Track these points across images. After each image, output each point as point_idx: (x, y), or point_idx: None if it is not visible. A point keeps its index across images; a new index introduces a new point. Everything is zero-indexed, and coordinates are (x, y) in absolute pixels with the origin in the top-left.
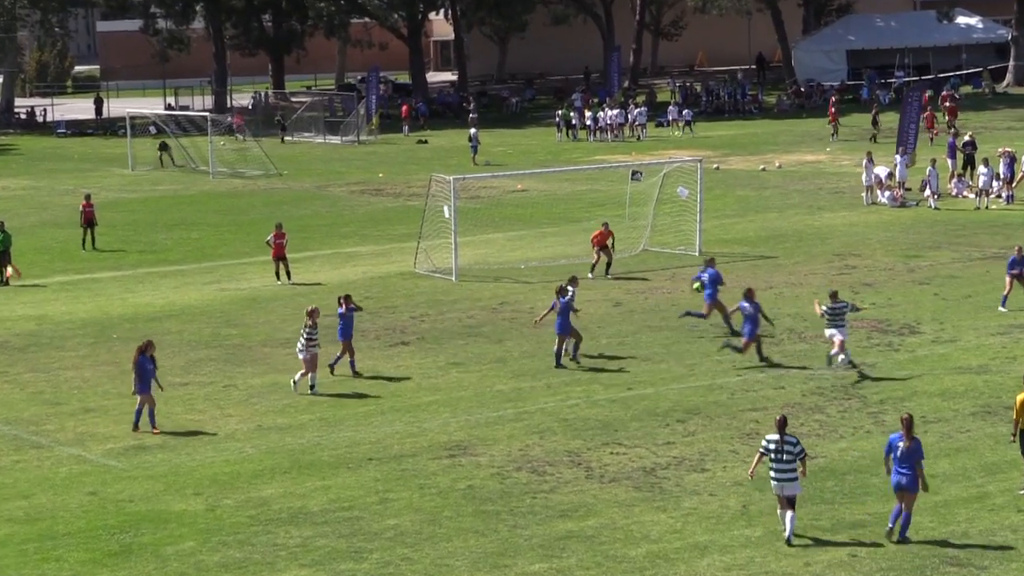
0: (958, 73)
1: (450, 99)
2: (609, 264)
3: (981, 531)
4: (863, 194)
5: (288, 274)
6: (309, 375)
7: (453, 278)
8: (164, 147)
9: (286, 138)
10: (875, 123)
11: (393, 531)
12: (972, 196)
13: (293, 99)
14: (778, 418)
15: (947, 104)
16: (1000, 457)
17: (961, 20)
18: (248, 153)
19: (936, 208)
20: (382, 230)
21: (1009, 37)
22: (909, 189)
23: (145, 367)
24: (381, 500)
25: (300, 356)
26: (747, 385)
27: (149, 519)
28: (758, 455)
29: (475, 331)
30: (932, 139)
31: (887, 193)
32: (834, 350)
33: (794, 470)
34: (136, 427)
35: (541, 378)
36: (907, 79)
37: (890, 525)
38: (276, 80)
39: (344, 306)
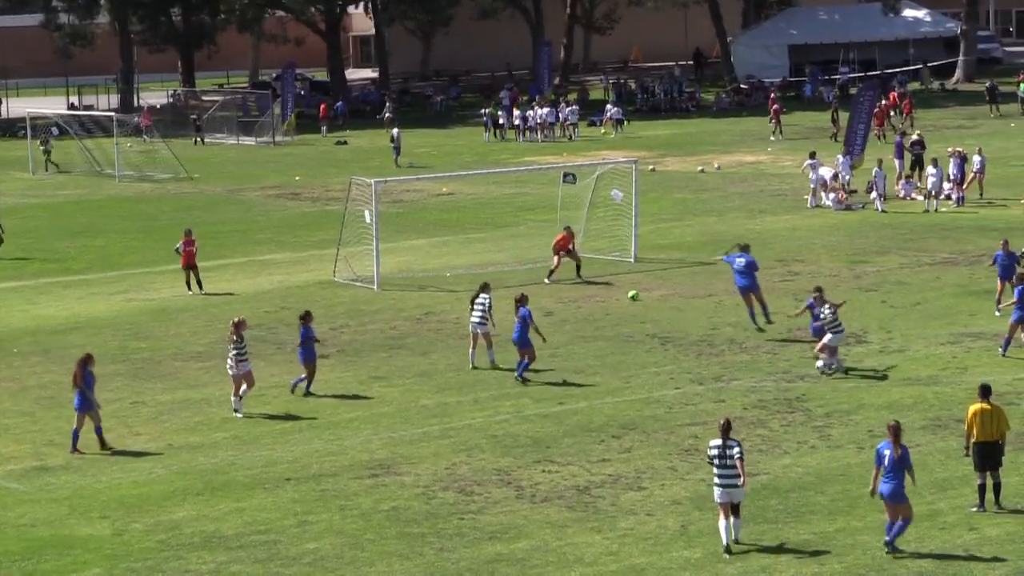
0: (905, 69)
1: (372, 97)
2: (579, 266)
3: (932, 551)
4: (807, 196)
5: (199, 283)
6: (242, 390)
7: (375, 287)
8: (46, 150)
9: (203, 139)
10: (834, 121)
11: (312, 555)
12: (921, 198)
13: (204, 98)
14: (721, 421)
15: (904, 102)
16: (951, 473)
17: (908, 13)
18: (157, 155)
19: (883, 211)
20: (299, 236)
21: (958, 31)
22: (855, 191)
23: (90, 382)
24: (300, 523)
25: (230, 373)
26: (685, 398)
27: (53, 544)
28: (708, 463)
29: (398, 343)
30: (882, 136)
31: (832, 195)
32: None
33: (738, 475)
34: (75, 449)
35: (468, 392)
36: (852, 75)
37: (887, 538)
38: (186, 78)
39: (303, 324)
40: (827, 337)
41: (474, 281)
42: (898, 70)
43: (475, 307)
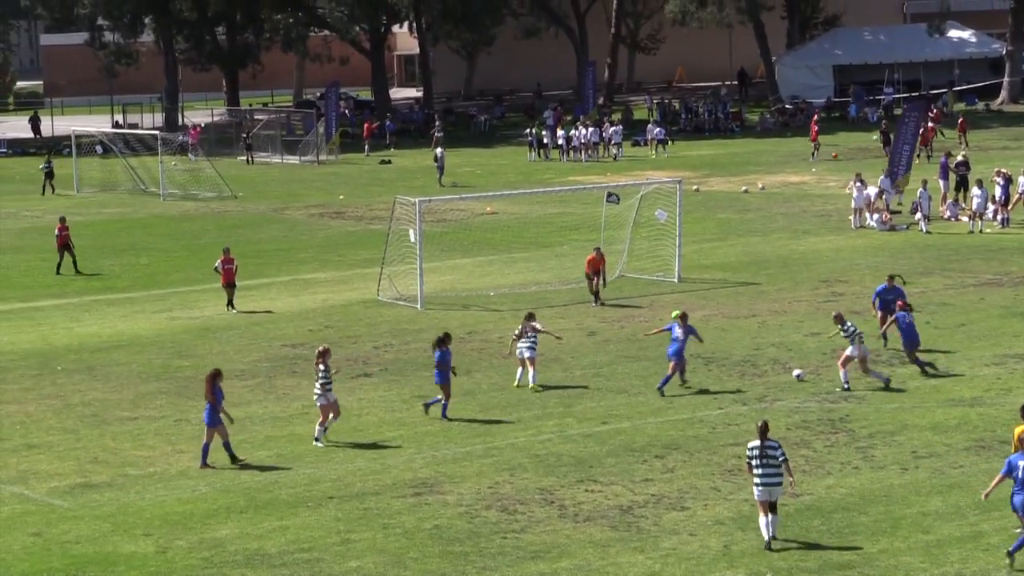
0: (954, 89)
1: (417, 117)
2: (598, 293)
3: (975, 572)
4: (851, 217)
5: (230, 303)
6: (329, 419)
7: (418, 306)
8: (49, 173)
9: (253, 159)
10: (887, 142)
11: (355, 574)
12: (965, 219)
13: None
14: (759, 423)
15: (960, 121)
16: (996, 494)
17: (953, 34)
18: (201, 174)
19: (927, 232)
20: (343, 255)
21: (1004, 52)
22: (899, 212)
23: (219, 396)
24: (343, 541)
25: (318, 404)
26: (729, 419)
27: (96, 562)
28: (747, 466)
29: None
30: (929, 156)
31: (876, 216)
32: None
33: (780, 474)
34: (205, 464)
35: (511, 412)
36: (896, 96)
37: (1010, 548)
38: (231, 97)
39: (440, 348)
40: (850, 350)
41: (518, 301)
42: (943, 91)
43: (527, 335)
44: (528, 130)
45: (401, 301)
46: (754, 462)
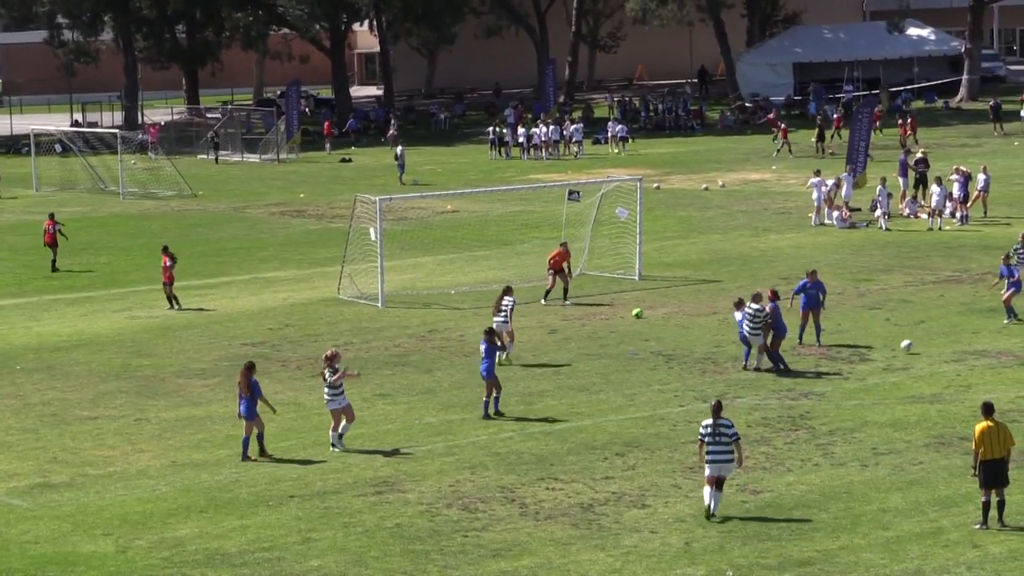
0: (910, 87)
1: (378, 115)
2: (567, 290)
3: (935, 568)
4: (811, 215)
5: (170, 300)
6: (342, 426)
7: (379, 304)
8: None
9: (218, 158)
10: (820, 138)
11: (316, 573)
12: (925, 217)
13: (208, 115)
14: (713, 402)
15: (910, 120)
16: (954, 490)
17: (912, 32)
18: (161, 172)
19: (887, 229)
20: (304, 253)
21: (962, 50)
22: (858, 209)
23: (256, 389)
24: (303, 540)
25: (329, 408)
26: (689, 416)
27: (55, 562)
28: (699, 444)
29: (403, 360)
30: (906, 144)
31: (836, 214)
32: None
33: (730, 452)
34: (246, 457)
35: (472, 410)
36: (856, 93)
37: None
38: (190, 95)
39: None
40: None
41: (479, 299)
42: (901, 88)
43: (501, 309)
44: (489, 128)
45: (362, 299)
46: (707, 439)
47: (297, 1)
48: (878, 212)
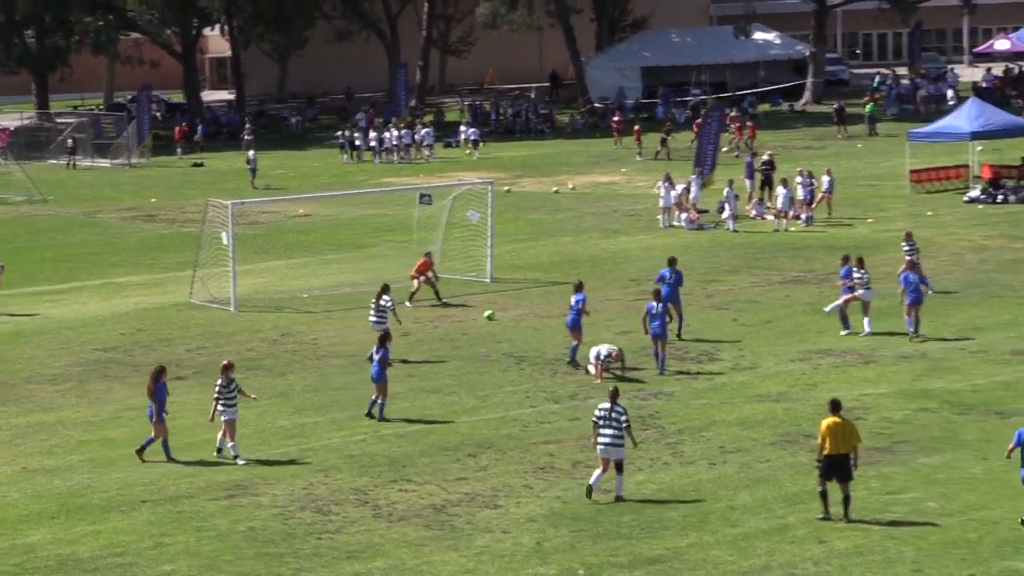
0: (755, 91)
1: (234, 119)
2: (437, 292)
3: (782, 564)
4: (660, 216)
5: None
6: (231, 443)
7: (232, 308)
8: None
9: (76, 164)
10: (663, 143)
11: None
12: (771, 218)
13: (58, 120)
14: (611, 389)
15: (749, 125)
16: (801, 487)
17: (758, 36)
18: (10, 178)
19: (734, 231)
20: (155, 258)
21: (807, 53)
22: (706, 211)
23: (162, 394)
24: (156, 545)
25: (223, 419)
26: (541, 417)
27: None
28: (593, 426)
29: (255, 364)
30: (737, 148)
31: (684, 215)
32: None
33: (621, 437)
34: (170, 458)
35: (325, 413)
36: (703, 96)
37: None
38: (40, 100)
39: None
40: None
41: (331, 302)
42: (748, 91)
43: (378, 306)
44: (340, 132)
45: (214, 304)
46: (600, 423)
47: (148, 6)
48: (725, 214)
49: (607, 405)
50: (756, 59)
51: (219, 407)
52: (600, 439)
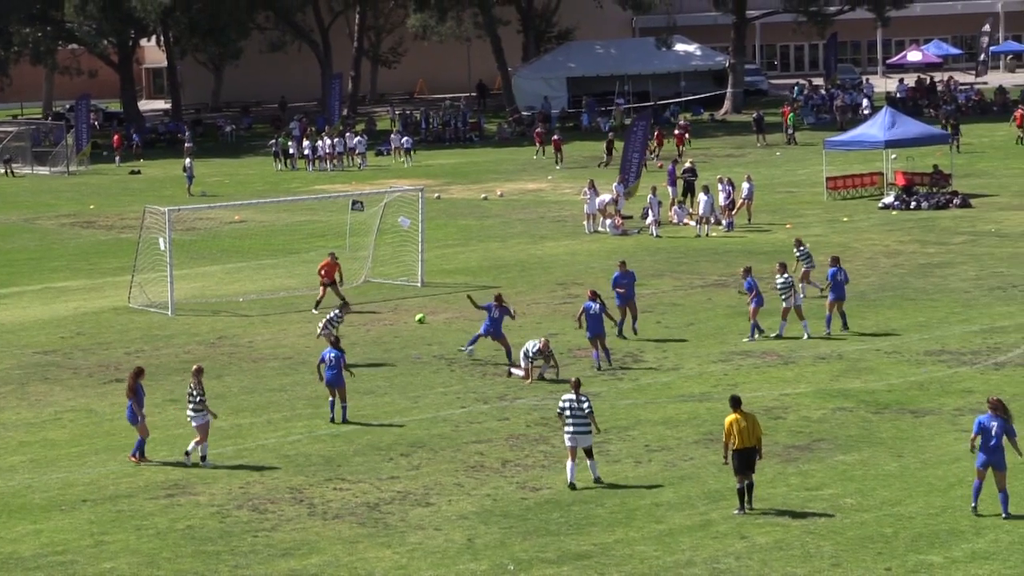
0: (677, 100)
1: (172, 128)
2: (319, 301)
3: (705, 559)
4: (585, 222)
5: None
6: (202, 446)
7: (169, 312)
8: None
9: (13, 171)
10: (609, 151)
11: (110, 575)
12: (693, 224)
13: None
14: (573, 380)
15: (676, 132)
16: (723, 484)
17: (680, 48)
18: None
19: (658, 236)
20: (94, 264)
21: (727, 64)
22: (631, 217)
23: (141, 395)
24: (96, 543)
25: (193, 424)
26: (471, 417)
27: None
28: (558, 416)
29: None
30: (656, 158)
31: (609, 221)
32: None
33: (587, 424)
34: (141, 457)
35: (261, 414)
36: (627, 106)
37: (973, 504)
38: None
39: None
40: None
41: (266, 306)
42: (670, 101)
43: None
44: (273, 140)
45: (152, 308)
46: (566, 413)
47: (85, 17)
48: (649, 219)
49: (571, 396)
50: (678, 70)
51: (189, 412)
52: (566, 428)
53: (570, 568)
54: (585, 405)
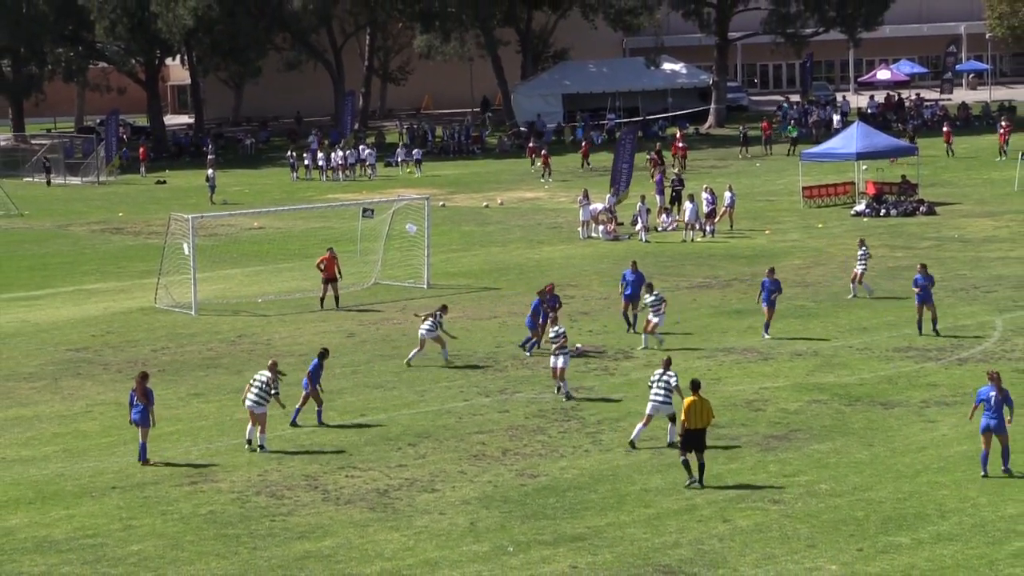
0: (665, 115)
1: (201, 141)
2: (323, 300)
3: (691, 540)
4: (579, 229)
5: None
6: (260, 436)
7: (193, 312)
8: None
9: (50, 181)
10: (586, 158)
11: (137, 556)
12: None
13: (33, 141)
14: (664, 358)
15: (679, 146)
16: (707, 471)
17: (667, 66)
18: None
19: (646, 241)
20: (123, 267)
21: (711, 82)
22: (621, 223)
23: (150, 397)
24: (125, 527)
25: (255, 412)
26: (473, 409)
27: None
28: (649, 386)
29: (215, 363)
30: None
31: (601, 227)
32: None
33: (670, 397)
34: (145, 460)
35: (277, 407)
36: (617, 121)
37: (983, 472)
38: (16, 123)
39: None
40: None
41: (284, 307)
42: (658, 116)
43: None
44: (290, 153)
45: (177, 308)
46: (653, 386)
47: (115, 38)
48: (638, 226)
49: (660, 371)
50: (665, 87)
51: (250, 401)
52: (653, 398)
53: (565, 549)
54: (672, 380)
